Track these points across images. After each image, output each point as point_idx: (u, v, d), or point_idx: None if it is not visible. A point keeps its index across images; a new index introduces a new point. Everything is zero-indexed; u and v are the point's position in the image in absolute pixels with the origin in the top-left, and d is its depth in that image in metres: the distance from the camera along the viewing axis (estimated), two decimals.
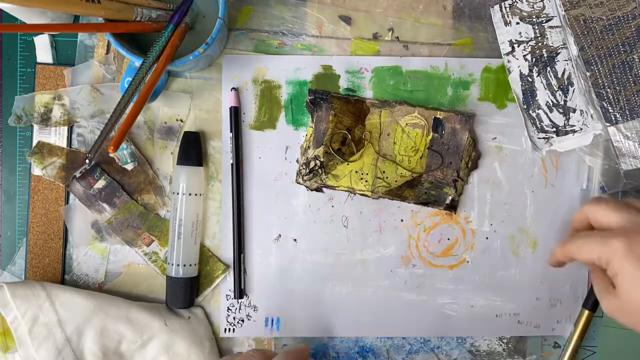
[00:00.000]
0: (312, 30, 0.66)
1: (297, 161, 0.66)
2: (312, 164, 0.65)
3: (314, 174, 0.65)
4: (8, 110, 0.65)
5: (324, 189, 0.67)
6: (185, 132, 0.65)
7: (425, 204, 0.66)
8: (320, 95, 0.65)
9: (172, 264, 0.64)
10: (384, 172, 0.65)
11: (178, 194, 0.64)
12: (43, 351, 0.60)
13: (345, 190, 0.66)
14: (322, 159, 0.64)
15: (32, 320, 0.60)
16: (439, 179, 0.65)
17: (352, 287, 0.67)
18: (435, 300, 0.68)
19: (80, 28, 0.60)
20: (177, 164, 0.64)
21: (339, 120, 0.65)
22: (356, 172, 0.65)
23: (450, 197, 0.66)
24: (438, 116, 0.65)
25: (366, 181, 0.65)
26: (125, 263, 0.67)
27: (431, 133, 0.65)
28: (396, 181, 0.65)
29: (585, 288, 0.68)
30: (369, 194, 0.65)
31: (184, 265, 0.64)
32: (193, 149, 0.64)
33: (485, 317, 0.68)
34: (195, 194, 0.64)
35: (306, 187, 0.66)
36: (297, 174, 0.66)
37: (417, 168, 0.65)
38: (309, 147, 0.65)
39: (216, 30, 0.55)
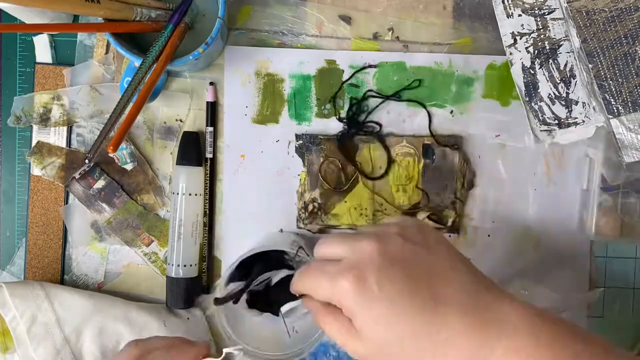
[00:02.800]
0: (312, 30, 0.67)
1: (296, 206, 0.68)
2: (310, 207, 0.67)
3: (314, 217, 0.67)
4: (7, 110, 0.66)
5: (327, 230, 0.68)
6: (185, 132, 0.66)
7: None
8: (309, 139, 0.67)
9: (172, 265, 0.65)
10: (382, 204, 0.67)
11: (178, 194, 0.65)
12: (41, 351, 0.61)
13: (348, 228, 0.68)
14: (319, 200, 0.67)
15: (30, 320, 0.61)
16: (437, 204, 0.67)
17: None
18: None
19: (80, 28, 0.61)
20: (176, 164, 0.65)
21: (331, 162, 0.67)
22: (355, 208, 0.67)
23: (451, 220, 0.67)
24: (427, 142, 0.67)
25: (366, 216, 0.67)
26: (125, 263, 0.68)
27: (422, 160, 0.67)
28: (395, 212, 0.68)
29: (587, 287, 0.69)
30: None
31: (184, 266, 0.65)
32: (192, 149, 0.65)
33: None
34: (195, 194, 0.65)
35: (309, 230, 0.68)
36: (298, 218, 0.67)
37: (414, 196, 0.67)
38: (305, 190, 0.67)
39: (216, 30, 0.56)
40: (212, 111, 0.66)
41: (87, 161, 0.64)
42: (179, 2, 0.59)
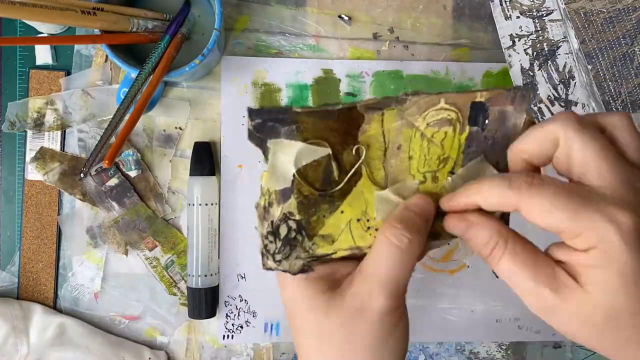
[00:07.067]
0: (311, 32, 0.68)
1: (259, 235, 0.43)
2: (283, 230, 0.42)
3: (292, 247, 0.42)
4: (6, 109, 0.67)
5: (314, 265, 0.43)
6: (196, 143, 0.67)
7: None
8: (274, 116, 0.41)
9: (193, 275, 0.66)
10: (397, 205, 0.43)
11: (193, 205, 0.66)
12: None
13: (349, 253, 0.43)
14: (297, 216, 0.42)
15: (2, 339, 0.65)
16: None
17: None
18: (435, 305, 0.69)
19: (76, 40, 0.62)
20: (190, 175, 0.67)
21: (314, 145, 0.42)
22: (358, 220, 0.43)
23: (498, 214, 0.43)
24: (479, 99, 0.42)
25: (376, 229, 0.43)
26: (122, 271, 0.69)
27: (467, 127, 0.43)
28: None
29: None
30: None
31: (204, 276, 0.66)
32: (204, 159, 0.67)
33: (486, 322, 0.70)
34: (211, 204, 0.67)
35: (286, 271, 0.42)
36: (264, 254, 0.42)
37: (448, 187, 0.44)
38: (270, 204, 0.42)
39: (212, 41, 0.57)
40: None
41: (82, 175, 0.65)
42: (175, 13, 0.60)
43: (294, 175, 0.41)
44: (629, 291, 0.33)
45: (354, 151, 0.42)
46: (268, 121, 0.40)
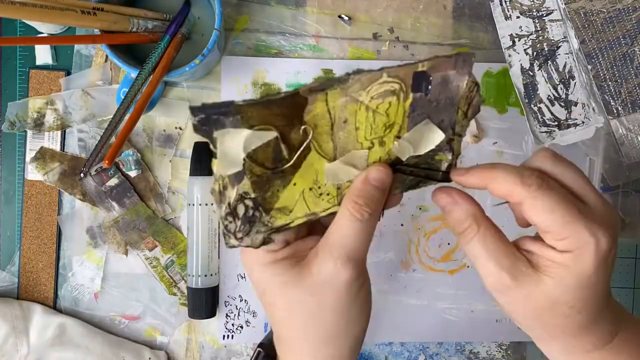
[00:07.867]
0: (311, 32, 0.68)
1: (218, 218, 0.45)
2: (240, 209, 0.43)
3: (251, 223, 0.44)
4: (6, 108, 0.67)
5: (273, 236, 0.45)
6: (196, 143, 0.67)
7: (416, 185, 0.48)
8: (216, 110, 0.40)
9: (193, 275, 0.66)
10: (349, 172, 0.45)
11: (193, 205, 0.66)
12: None
13: (305, 220, 0.45)
14: (252, 195, 0.43)
15: (2, 339, 0.65)
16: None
17: None
18: (435, 305, 0.70)
19: (76, 40, 0.62)
20: (190, 175, 0.67)
21: (261, 131, 0.42)
22: (310, 189, 0.45)
23: (445, 164, 0.47)
24: (421, 69, 0.43)
25: (328, 194, 0.45)
26: (122, 271, 0.69)
27: (410, 95, 0.44)
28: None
29: None
30: (338, 209, 0.45)
31: (205, 276, 0.66)
32: (204, 159, 0.67)
33: (486, 322, 0.70)
34: (211, 204, 0.66)
35: (248, 246, 0.44)
36: (225, 234, 0.43)
37: (395, 149, 0.46)
38: (224, 187, 0.42)
39: (212, 41, 0.57)
40: None
41: (82, 174, 0.65)
42: (175, 13, 0.60)
43: (244, 159, 0.41)
44: (577, 290, 0.41)
45: (301, 132, 0.42)
46: (212, 115, 0.40)
